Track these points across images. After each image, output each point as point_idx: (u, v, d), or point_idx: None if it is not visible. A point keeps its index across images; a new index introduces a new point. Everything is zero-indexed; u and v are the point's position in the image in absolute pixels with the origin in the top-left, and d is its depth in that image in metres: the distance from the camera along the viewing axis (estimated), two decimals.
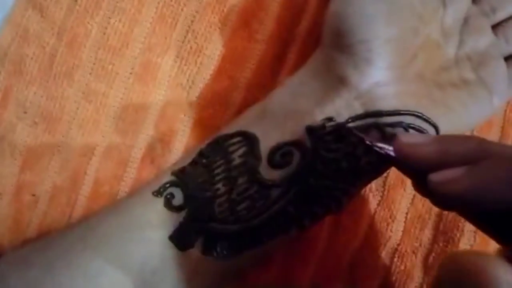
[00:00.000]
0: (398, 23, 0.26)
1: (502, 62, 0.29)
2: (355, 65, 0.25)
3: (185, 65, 0.31)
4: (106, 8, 0.31)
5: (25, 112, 0.31)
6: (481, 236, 0.31)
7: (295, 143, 0.26)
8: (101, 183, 0.31)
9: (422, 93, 0.26)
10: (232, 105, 0.31)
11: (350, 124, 0.25)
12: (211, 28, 0.31)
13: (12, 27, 0.31)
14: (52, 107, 0.31)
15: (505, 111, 0.31)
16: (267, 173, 0.26)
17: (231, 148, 0.27)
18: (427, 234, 0.31)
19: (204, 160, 0.27)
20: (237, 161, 0.26)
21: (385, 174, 0.31)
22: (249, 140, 0.27)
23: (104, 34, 0.31)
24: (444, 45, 0.29)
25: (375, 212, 0.31)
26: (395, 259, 0.31)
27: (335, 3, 0.26)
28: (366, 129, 0.25)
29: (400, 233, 0.31)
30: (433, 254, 0.31)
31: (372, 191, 0.31)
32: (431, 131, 0.26)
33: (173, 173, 0.28)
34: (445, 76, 0.28)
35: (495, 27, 0.30)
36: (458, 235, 0.31)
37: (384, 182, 0.31)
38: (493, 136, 0.31)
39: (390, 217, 0.31)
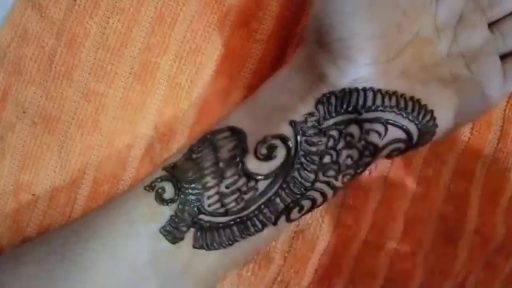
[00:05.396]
0: (379, 20, 0.26)
1: (497, 59, 0.29)
2: (334, 62, 0.26)
3: (184, 65, 0.31)
4: (105, 8, 0.31)
5: (24, 112, 0.31)
6: (481, 235, 0.31)
7: (280, 137, 0.26)
8: (101, 182, 0.31)
9: (405, 90, 0.26)
10: (232, 105, 0.31)
11: (330, 121, 0.26)
12: (210, 28, 0.31)
13: (11, 27, 0.31)
14: (51, 107, 0.31)
15: (505, 110, 0.31)
16: (254, 166, 0.26)
17: (220, 143, 0.27)
18: (427, 233, 0.31)
19: (194, 155, 0.28)
20: (225, 155, 0.27)
21: (385, 174, 0.31)
22: (237, 134, 0.27)
23: (103, 34, 0.31)
24: (437, 41, 0.28)
25: (375, 211, 0.31)
26: (395, 259, 0.31)
27: (316, 1, 0.27)
28: (346, 124, 0.26)
29: (400, 233, 0.31)
30: (433, 254, 0.31)
31: (372, 191, 0.31)
32: (412, 127, 0.26)
33: (164, 168, 0.28)
34: (434, 72, 0.28)
35: (492, 23, 0.29)
36: (458, 234, 0.31)
37: (384, 182, 0.31)
38: (492, 135, 0.31)
39: (390, 216, 0.31)
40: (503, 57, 0.29)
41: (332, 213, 0.31)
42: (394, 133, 0.26)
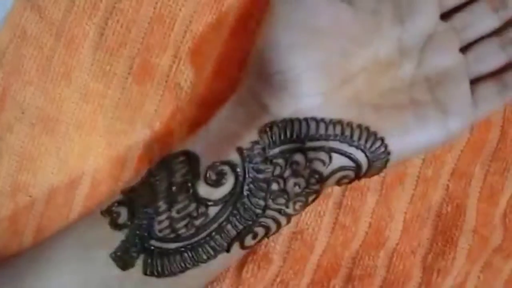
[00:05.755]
0: (320, 50, 0.26)
1: (466, 82, 0.28)
2: (274, 93, 0.26)
3: (183, 65, 0.31)
4: (104, 9, 0.31)
5: (23, 113, 0.31)
6: (480, 236, 0.31)
7: (228, 163, 0.26)
8: (99, 183, 0.31)
9: (353, 117, 0.26)
10: None
11: (275, 149, 0.26)
12: (208, 28, 0.31)
13: (10, 28, 0.31)
14: (49, 108, 0.31)
15: (505, 110, 0.31)
16: (205, 191, 0.26)
17: (176, 167, 0.27)
18: (426, 233, 0.31)
19: (151, 179, 0.27)
20: (178, 179, 0.27)
21: (382, 174, 0.31)
22: (191, 159, 0.27)
23: (102, 34, 0.31)
24: (399, 64, 0.28)
25: (374, 211, 0.31)
26: (394, 259, 0.30)
27: (259, 36, 0.27)
28: (291, 152, 0.26)
29: (399, 233, 0.31)
30: (432, 254, 0.31)
31: (370, 190, 0.31)
32: (359, 155, 0.26)
33: (122, 192, 0.28)
34: (391, 97, 0.28)
35: (466, 46, 0.29)
36: (457, 234, 0.31)
37: (382, 181, 0.31)
38: (492, 135, 0.31)
39: (389, 217, 0.31)
40: (476, 80, 0.29)
41: (330, 213, 0.31)
42: (340, 161, 0.26)
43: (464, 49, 0.29)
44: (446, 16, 0.29)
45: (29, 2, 0.31)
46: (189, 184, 0.26)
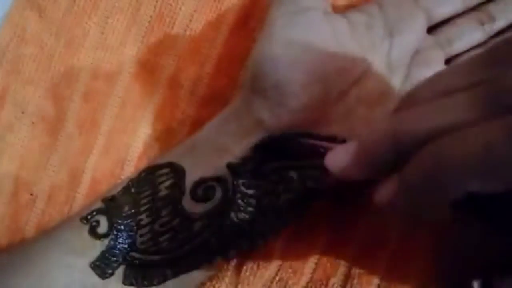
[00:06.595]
0: (317, 66, 0.26)
1: None
2: (269, 108, 0.26)
3: (183, 64, 0.31)
4: (104, 8, 0.31)
5: (23, 112, 0.31)
6: None
7: (217, 179, 0.26)
8: (99, 181, 0.31)
9: (346, 133, 0.26)
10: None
11: (269, 165, 0.26)
12: (209, 27, 0.31)
13: (10, 27, 0.32)
14: (49, 107, 0.31)
15: None
16: (190, 206, 0.26)
17: (160, 179, 0.27)
18: (426, 234, 0.31)
19: (133, 189, 0.27)
20: (162, 192, 0.27)
21: None
22: (177, 172, 0.27)
23: (102, 34, 0.31)
24: (388, 79, 0.28)
25: (374, 212, 0.31)
26: (394, 258, 0.30)
27: (255, 48, 0.27)
28: (284, 169, 0.26)
29: (399, 232, 0.31)
30: (432, 254, 0.31)
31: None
32: None
33: (102, 201, 0.28)
34: (381, 111, 0.28)
35: (450, 58, 0.29)
36: None
37: None
38: None
39: (390, 216, 0.31)
40: None
41: (330, 213, 0.31)
42: (333, 179, 0.25)
43: (449, 61, 0.29)
44: (432, 29, 0.29)
45: (28, 2, 0.32)
46: (174, 198, 0.26)
